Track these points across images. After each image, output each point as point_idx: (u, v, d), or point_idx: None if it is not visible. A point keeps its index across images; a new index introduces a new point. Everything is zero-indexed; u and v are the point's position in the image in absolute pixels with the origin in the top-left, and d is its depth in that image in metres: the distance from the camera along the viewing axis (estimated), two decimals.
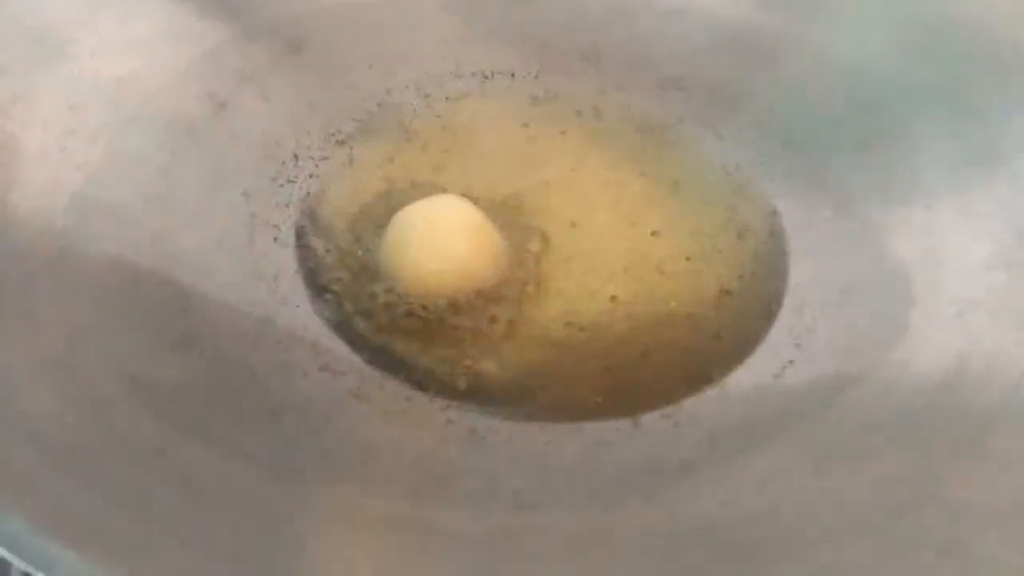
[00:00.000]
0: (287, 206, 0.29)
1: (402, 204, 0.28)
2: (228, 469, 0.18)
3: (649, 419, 0.24)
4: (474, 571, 0.17)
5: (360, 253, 0.28)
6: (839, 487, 0.20)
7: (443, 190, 0.30)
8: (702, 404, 0.24)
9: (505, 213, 0.30)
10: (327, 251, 0.28)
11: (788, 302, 0.28)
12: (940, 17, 0.31)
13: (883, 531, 0.18)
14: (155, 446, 0.17)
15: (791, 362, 0.25)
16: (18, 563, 0.13)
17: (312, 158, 0.31)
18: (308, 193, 0.30)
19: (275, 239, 0.27)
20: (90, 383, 0.18)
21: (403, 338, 0.25)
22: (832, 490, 0.19)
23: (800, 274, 0.28)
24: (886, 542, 0.17)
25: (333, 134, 0.32)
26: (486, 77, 0.36)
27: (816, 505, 0.19)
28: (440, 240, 0.26)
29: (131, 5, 0.29)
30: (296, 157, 0.31)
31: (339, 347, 0.24)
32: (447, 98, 0.35)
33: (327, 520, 0.18)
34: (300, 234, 0.28)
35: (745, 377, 0.25)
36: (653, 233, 0.30)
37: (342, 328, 0.25)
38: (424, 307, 0.26)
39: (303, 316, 0.25)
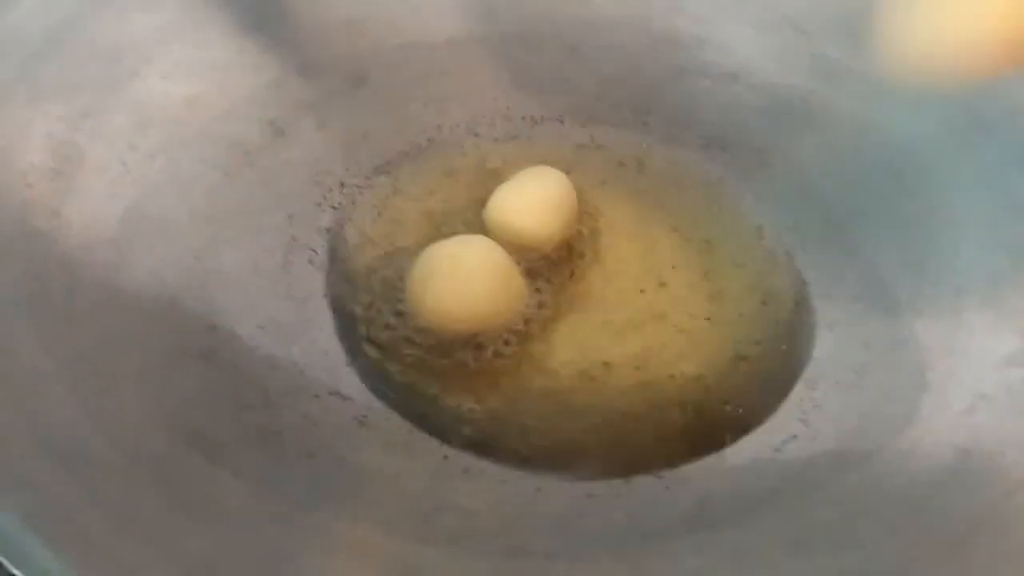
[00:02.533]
0: (327, 231, 0.30)
1: (436, 238, 0.29)
2: (221, 483, 0.19)
3: (642, 479, 0.24)
4: None
5: (388, 283, 0.29)
6: (812, 573, 0.20)
7: (479, 228, 0.31)
8: (697, 470, 0.25)
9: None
10: (357, 278, 0.29)
11: (803, 375, 0.28)
12: (994, 107, 0.30)
13: None
14: (155, 454, 0.19)
15: (794, 437, 0.25)
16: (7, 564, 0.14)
17: (358, 186, 0.32)
18: (349, 219, 0.31)
19: (310, 262, 0.29)
20: (105, 388, 0.20)
21: (412, 371, 0.26)
22: (804, 574, 0.20)
23: (820, 348, 0.28)
24: None
25: (381, 165, 0.33)
26: (535, 122, 0.37)
27: None
28: (463, 279, 0.27)
29: (205, 32, 0.31)
30: (342, 184, 0.32)
31: (352, 374, 0.25)
32: (495, 139, 0.36)
33: (307, 543, 0.19)
34: (334, 259, 0.29)
35: (746, 447, 0.25)
36: (676, 290, 0.30)
37: (358, 355, 0.26)
38: (437, 341, 0.27)
39: (324, 340, 0.26)
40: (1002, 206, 0.29)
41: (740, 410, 0.27)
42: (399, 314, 0.28)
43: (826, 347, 0.28)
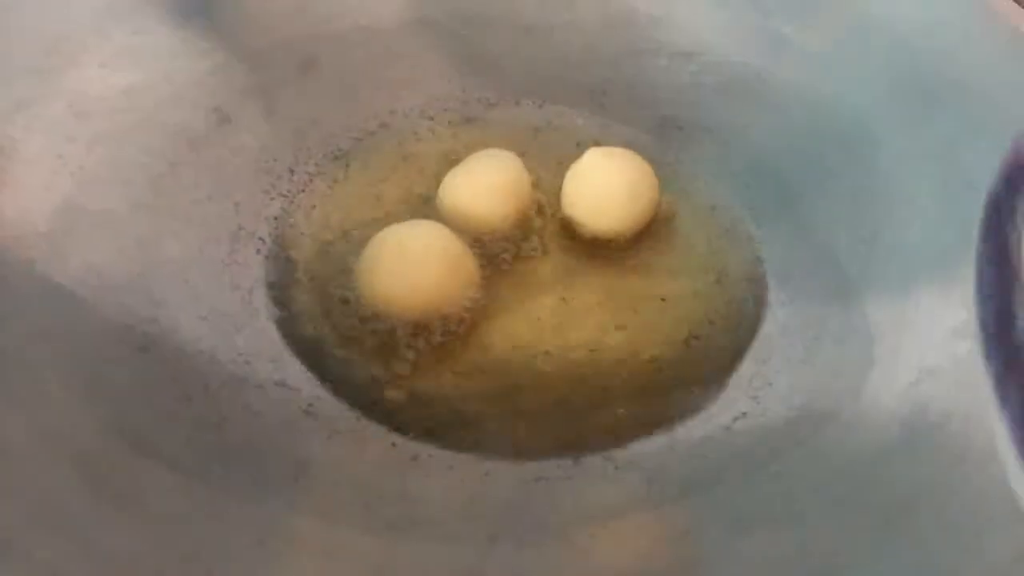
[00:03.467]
0: (276, 219, 0.30)
1: (388, 225, 0.29)
2: (154, 477, 0.19)
3: (591, 459, 0.24)
4: None
5: (338, 271, 0.29)
6: (753, 549, 0.20)
7: (433, 213, 0.31)
8: (647, 450, 0.25)
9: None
10: (305, 266, 0.29)
11: (754, 353, 0.28)
12: (945, 82, 0.30)
13: None
14: (82, 448, 0.18)
15: (744, 414, 0.25)
16: None
17: (308, 173, 0.32)
18: (298, 207, 0.31)
19: (257, 251, 0.29)
20: (31, 381, 0.19)
21: (360, 358, 0.26)
22: (745, 551, 0.19)
23: (771, 325, 0.28)
24: None
25: (332, 151, 0.33)
26: (491, 104, 0.37)
27: (727, 565, 0.19)
28: (411, 265, 0.27)
29: (145, 18, 0.30)
30: (292, 172, 0.32)
31: (298, 363, 0.25)
32: (450, 122, 0.36)
33: (245, 536, 0.19)
34: (282, 247, 0.29)
35: (696, 425, 0.25)
36: (631, 269, 0.30)
37: (305, 344, 0.26)
38: (386, 328, 0.27)
39: (270, 330, 0.26)
40: (952, 180, 0.29)
41: (692, 390, 0.27)
42: (348, 302, 0.27)
43: (778, 324, 0.28)
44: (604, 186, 0.30)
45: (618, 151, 0.31)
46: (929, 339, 0.25)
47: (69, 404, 0.19)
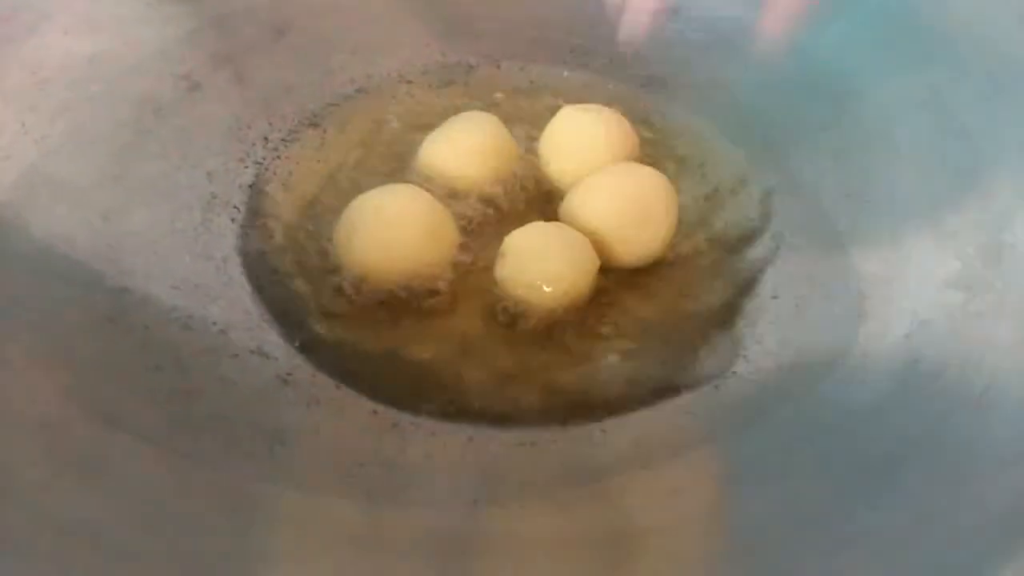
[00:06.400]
0: (250, 187, 0.29)
1: (365, 190, 0.28)
2: (121, 448, 0.18)
3: (577, 423, 0.23)
4: (353, 566, 0.17)
5: (314, 238, 0.28)
6: (741, 507, 0.19)
7: (412, 177, 0.30)
8: (635, 410, 0.24)
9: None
10: (282, 234, 0.28)
11: (745, 311, 0.27)
12: (928, 29, 0.29)
13: (767, 556, 0.17)
14: (45, 419, 0.18)
15: (733, 373, 0.25)
16: None
17: (283, 140, 0.31)
18: (273, 175, 0.30)
19: (232, 220, 0.28)
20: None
21: (338, 325, 0.25)
22: (733, 510, 0.19)
23: (761, 284, 0.28)
24: (767, 567, 0.17)
25: (307, 117, 0.32)
26: (471, 67, 0.36)
27: (718, 522, 0.19)
28: (389, 229, 0.26)
29: None
30: (266, 139, 0.31)
31: (275, 332, 0.24)
32: (429, 86, 0.35)
33: (217, 505, 0.18)
34: (257, 215, 0.28)
35: (685, 385, 0.25)
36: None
37: (283, 312, 0.25)
38: (365, 293, 0.26)
39: (245, 299, 0.25)
40: (940, 129, 0.28)
41: (683, 353, 0.26)
42: (326, 268, 0.27)
43: (768, 282, 0.28)
44: (578, 141, 0.29)
45: (592, 107, 0.30)
46: (921, 291, 0.25)
47: (30, 374, 0.18)
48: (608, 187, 0.28)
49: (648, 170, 0.28)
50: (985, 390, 0.20)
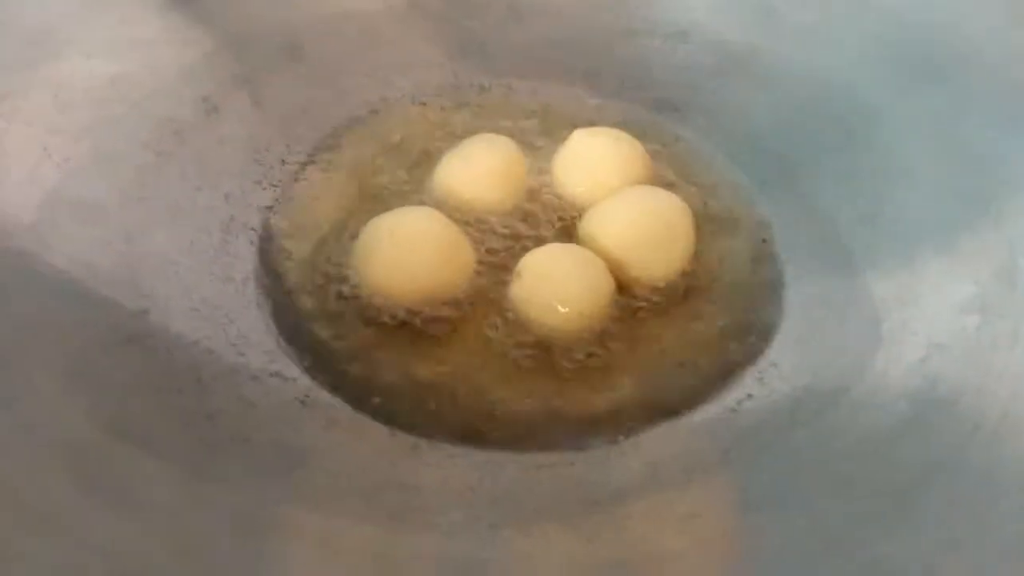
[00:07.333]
0: (268, 209, 0.29)
1: (381, 212, 0.28)
2: (146, 471, 0.18)
3: (595, 446, 0.24)
4: None
5: (331, 260, 0.28)
6: (758, 532, 0.19)
7: (428, 199, 0.30)
8: (652, 433, 0.24)
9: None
10: (300, 256, 0.28)
11: (761, 334, 0.27)
12: (940, 52, 0.30)
13: None
14: (72, 442, 0.18)
15: (749, 396, 0.25)
16: None
17: (299, 162, 0.31)
18: (290, 196, 0.30)
19: (251, 242, 0.28)
20: (21, 372, 0.19)
21: (357, 347, 0.25)
22: (750, 535, 0.19)
23: (778, 307, 0.28)
24: None
25: (322, 139, 0.32)
26: (484, 88, 0.36)
27: (735, 547, 0.19)
28: (405, 251, 0.27)
29: (130, 8, 0.30)
30: (283, 161, 0.31)
31: (294, 353, 0.25)
32: (442, 108, 0.35)
33: (239, 527, 0.18)
34: (275, 237, 0.28)
35: (701, 408, 0.25)
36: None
37: (301, 334, 0.26)
38: (382, 315, 0.26)
39: (264, 320, 0.25)
40: (953, 152, 0.28)
41: (699, 376, 0.26)
42: (343, 291, 0.27)
43: (783, 306, 0.28)
44: (591, 164, 0.30)
45: (604, 130, 0.31)
46: (936, 315, 0.25)
47: (55, 397, 0.19)
48: (626, 210, 0.28)
49: (665, 193, 0.28)
50: (1004, 415, 0.20)
